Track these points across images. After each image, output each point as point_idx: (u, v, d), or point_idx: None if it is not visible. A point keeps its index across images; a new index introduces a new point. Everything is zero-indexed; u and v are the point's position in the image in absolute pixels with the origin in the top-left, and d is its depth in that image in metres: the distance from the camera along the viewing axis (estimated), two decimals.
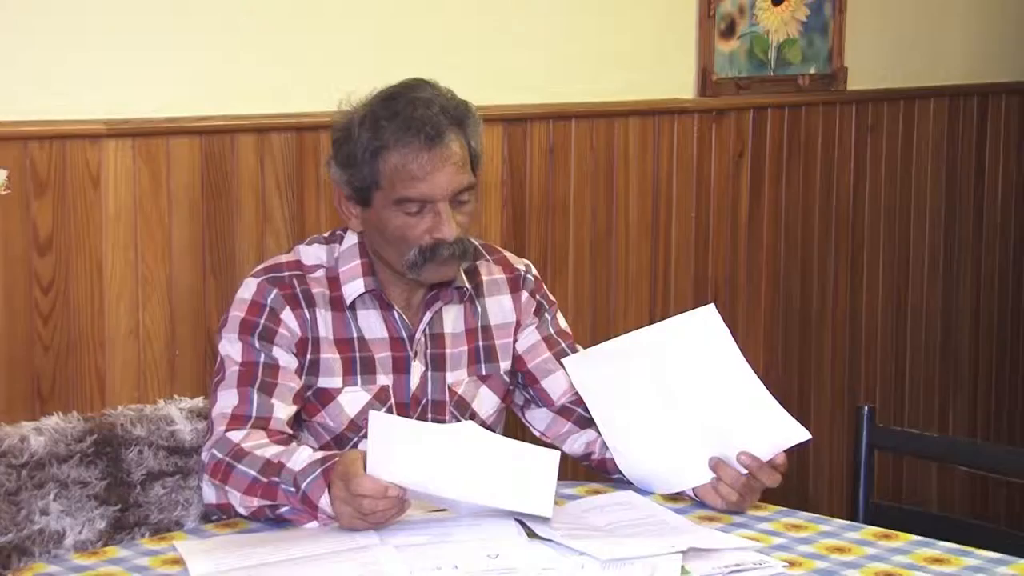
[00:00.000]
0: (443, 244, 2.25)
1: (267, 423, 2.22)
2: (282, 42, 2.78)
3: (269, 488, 2.10)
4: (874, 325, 3.86)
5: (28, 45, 2.48)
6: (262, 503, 2.10)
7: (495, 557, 1.90)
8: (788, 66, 3.58)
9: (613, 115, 3.25)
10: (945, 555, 2.00)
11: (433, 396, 2.36)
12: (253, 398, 2.23)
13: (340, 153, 2.30)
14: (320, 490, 2.05)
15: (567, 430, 2.42)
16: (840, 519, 2.18)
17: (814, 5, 3.59)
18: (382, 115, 2.25)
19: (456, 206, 2.26)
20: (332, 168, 2.33)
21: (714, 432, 2.20)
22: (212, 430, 2.24)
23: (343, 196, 2.32)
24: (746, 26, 3.47)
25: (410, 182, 2.23)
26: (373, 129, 2.25)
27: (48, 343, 2.53)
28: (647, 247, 3.35)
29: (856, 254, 3.78)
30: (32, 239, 2.50)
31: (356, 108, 2.31)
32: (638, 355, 2.26)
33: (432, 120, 2.23)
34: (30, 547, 2.23)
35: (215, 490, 2.18)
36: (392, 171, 2.24)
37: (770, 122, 3.55)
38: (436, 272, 2.29)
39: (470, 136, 2.29)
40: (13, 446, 2.25)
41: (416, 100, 2.26)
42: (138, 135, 2.59)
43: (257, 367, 2.26)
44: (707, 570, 1.91)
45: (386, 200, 2.26)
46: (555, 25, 3.16)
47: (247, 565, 1.90)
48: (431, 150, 2.23)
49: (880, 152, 3.80)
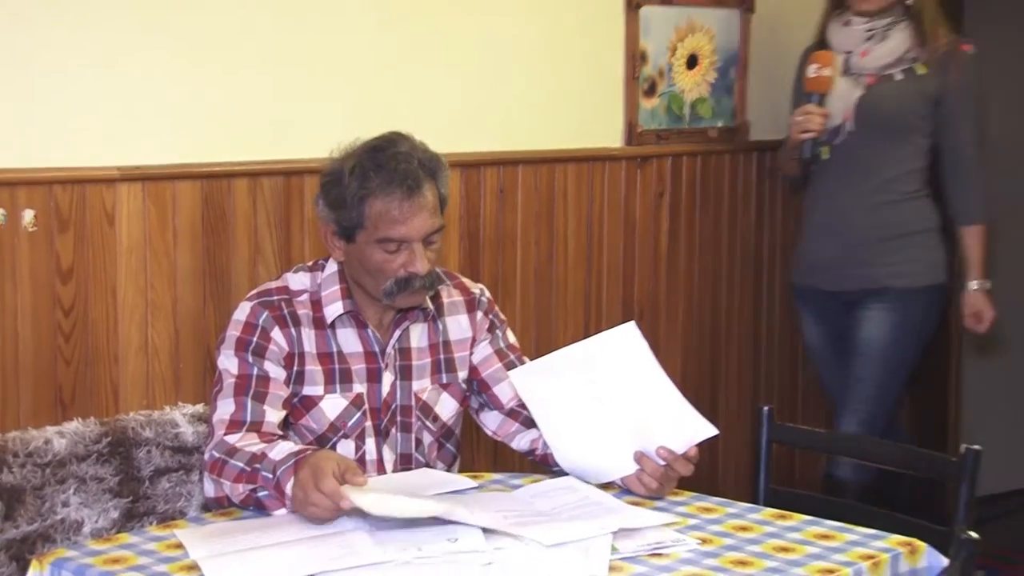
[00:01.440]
0: (416, 277, 2.25)
1: (260, 427, 2.21)
2: (272, 100, 2.78)
3: (252, 475, 2.08)
4: (773, 338, 3.87)
5: (51, 103, 2.49)
6: (247, 488, 2.08)
7: (454, 541, 1.88)
8: (700, 120, 3.58)
9: (554, 161, 3.25)
10: (830, 532, 2.01)
11: (401, 402, 2.37)
12: (248, 405, 2.22)
13: (329, 195, 2.29)
14: (288, 477, 2.03)
15: (515, 430, 2.42)
16: (744, 503, 2.18)
17: (721, 69, 3.59)
18: (369, 166, 2.24)
19: (427, 245, 2.27)
20: (320, 207, 2.32)
21: (637, 430, 2.21)
22: (213, 434, 2.23)
23: (330, 231, 2.31)
24: (665, 87, 3.47)
25: (391, 225, 2.23)
26: (361, 178, 2.24)
27: (69, 358, 2.53)
28: (582, 273, 3.35)
29: (757, 278, 3.78)
30: (56, 269, 2.50)
31: (345, 157, 2.30)
32: (573, 366, 2.26)
33: (412, 173, 2.24)
34: (53, 535, 2.24)
35: (213, 485, 2.16)
36: (376, 215, 2.23)
37: (685, 167, 3.54)
38: (408, 299, 2.30)
39: (441, 185, 2.30)
40: (38, 447, 2.26)
41: (398, 154, 2.25)
42: (147, 179, 2.59)
43: (251, 379, 2.25)
44: (633, 548, 1.91)
45: (369, 238, 2.25)
46: (505, 86, 3.16)
47: (237, 549, 1.88)
48: (410, 199, 2.23)
49: (776, 192, 3.79)
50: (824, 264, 3.34)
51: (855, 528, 2.03)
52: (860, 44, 3.24)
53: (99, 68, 2.53)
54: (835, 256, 3.30)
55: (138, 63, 2.58)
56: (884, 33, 3.23)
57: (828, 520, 2.07)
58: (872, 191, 3.25)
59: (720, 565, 1.86)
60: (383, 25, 2.94)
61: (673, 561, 1.87)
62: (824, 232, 3.32)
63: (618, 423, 2.22)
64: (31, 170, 2.45)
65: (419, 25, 3.00)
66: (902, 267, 3.27)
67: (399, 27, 2.96)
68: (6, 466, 2.22)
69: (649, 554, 1.90)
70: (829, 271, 3.33)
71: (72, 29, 2.49)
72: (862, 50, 3.23)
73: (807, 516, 2.10)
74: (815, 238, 3.36)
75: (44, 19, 2.46)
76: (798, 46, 3.58)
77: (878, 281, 3.28)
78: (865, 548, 1.94)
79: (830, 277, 3.33)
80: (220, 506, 2.17)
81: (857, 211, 3.26)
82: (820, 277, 3.36)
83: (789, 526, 2.05)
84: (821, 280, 3.36)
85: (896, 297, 3.27)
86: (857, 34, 3.25)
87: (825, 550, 1.93)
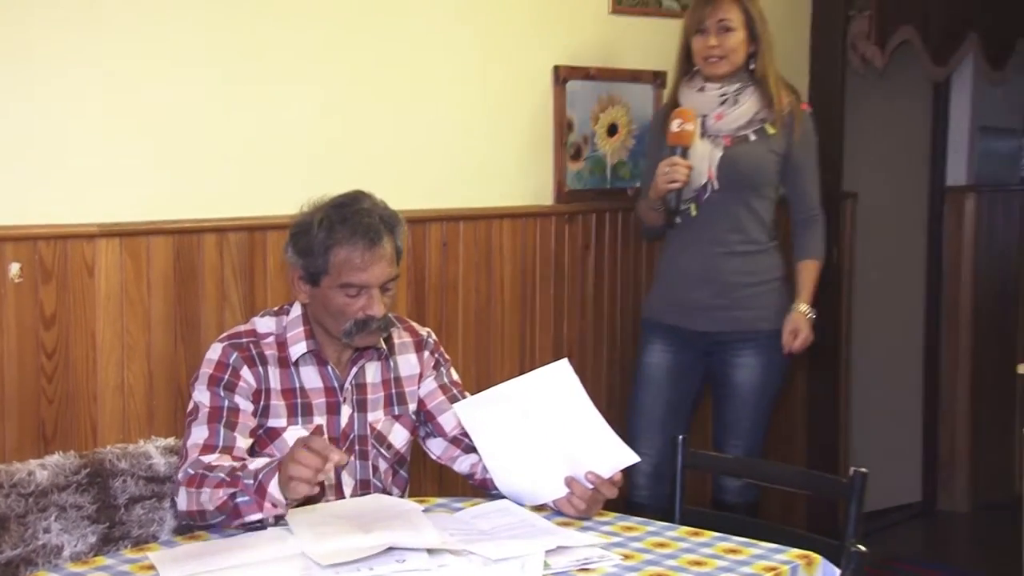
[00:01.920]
0: (373, 319, 2.27)
1: (231, 451, 2.21)
2: (236, 164, 2.78)
3: (233, 481, 2.07)
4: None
5: (36, 165, 2.48)
6: (227, 492, 2.06)
7: (402, 562, 1.88)
8: (620, 181, 3.59)
9: (491, 217, 3.26)
10: (738, 547, 2.03)
11: (358, 432, 2.36)
12: (220, 432, 2.22)
13: (298, 243, 2.30)
14: (272, 475, 2.02)
15: (457, 455, 2.43)
16: (662, 522, 2.19)
17: (638, 136, 3.59)
18: (335, 219, 2.26)
19: (384, 291, 2.28)
20: (289, 254, 2.32)
21: (567, 457, 2.21)
22: (186, 456, 2.21)
23: (297, 276, 2.32)
24: (589, 152, 3.48)
25: (353, 272, 2.24)
26: (328, 229, 2.25)
27: (51, 397, 2.50)
28: (518, 316, 3.35)
29: None
30: (39, 316, 2.48)
31: (313, 211, 2.31)
32: (510, 399, 2.26)
33: (374, 226, 2.25)
34: (35, 558, 2.22)
35: (188, 498, 2.13)
36: (340, 262, 2.24)
37: (608, 223, 3.55)
38: (365, 339, 2.31)
39: (398, 238, 2.31)
40: (22, 479, 2.24)
41: (361, 210, 2.27)
42: (124, 235, 2.58)
43: (223, 410, 2.25)
44: (564, 564, 1.92)
45: (332, 283, 2.26)
46: (448, 151, 3.18)
47: (206, 570, 1.87)
48: (371, 249, 2.24)
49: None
50: (698, 306, 3.26)
51: (759, 543, 2.05)
52: (715, 108, 3.21)
53: (80, 134, 2.52)
54: (709, 300, 3.24)
55: (115, 130, 2.57)
56: (735, 98, 3.21)
57: (736, 536, 2.09)
58: (738, 242, 3.24)
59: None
60: (338, 96, 2.95)
61: (599, 575, 1.88)
62: (698, 278, 3.24)
63: (550, 450, 2.22)
64: (17, 227, 2.44)
65: (371, 96, 3.01)
66: (767, 311, 3.27)
67: (353, 98, 2.98)
68: None
69: (578, 569, 1.90)
70: (702, 313, 3.26)
71: (56, 101, 2.49)
72: (716, 113, 3.20)
73: (717, 533, 2.11)
74: (686, 283, 3.27)
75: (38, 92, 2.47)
76: None
77: (750, 324, 3.26)
78: (768, 561, 1.96)
79: (701, 318, 3.26)
80: (191, 520, 2.15)
81: (726, 260, 3.23)
82: (689, 318, 3.28)
83: (702, 542, 2.06)
84: (690, 321, 3.28)
85: (764, 339, 3.26)
86: (711, 99, 3.21)
87: (733, 563, 1.95)
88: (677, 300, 3.30)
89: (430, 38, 3.12)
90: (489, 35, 3.24)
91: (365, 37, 2.99)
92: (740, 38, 3.18)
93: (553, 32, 3.37)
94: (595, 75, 3.49)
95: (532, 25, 3.33)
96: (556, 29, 3.38)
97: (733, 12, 3.16)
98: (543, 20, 3.35)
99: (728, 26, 3.16)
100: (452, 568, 1.87)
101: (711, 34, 3.16)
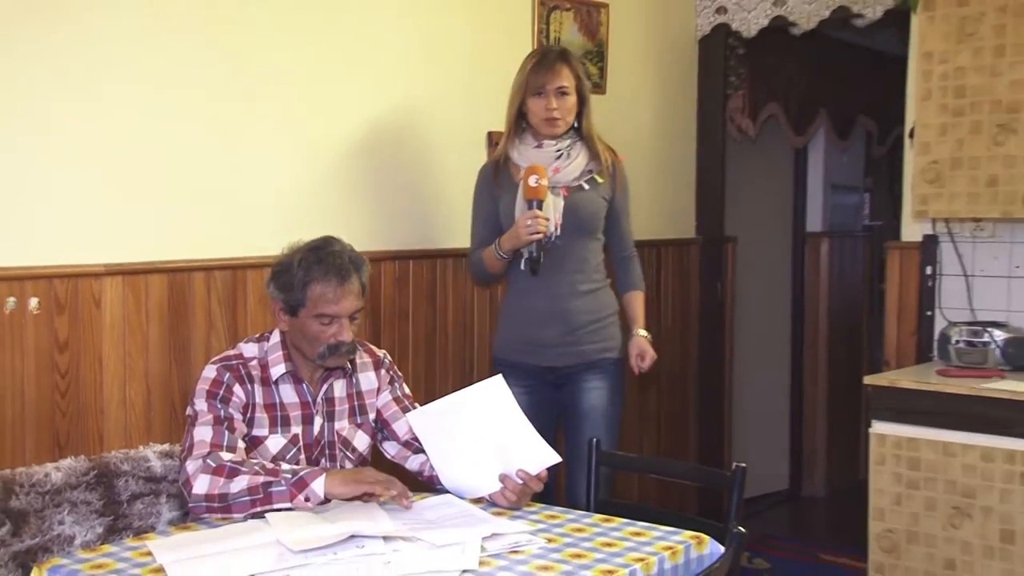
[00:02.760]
0: (343, 344, 2.26)
1: (234, 449, 2.18)
2: (222, 213, 2.75)
3: (273, 471, 2.08)
4: None
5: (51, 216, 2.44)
6: (264, 480, 2.06)
7: (362, 547, 1.86)
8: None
9: (436, 257, 3.26)
10: (641, 530, 2.04)
11: (328, 438, 2.34)
12: (224, 433, 2.19)
13: (280, 280, 2.28)
14: (315, 475, 2.05)
15: (408, 456, 2.40)
16: (579, 511, 2.19)
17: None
18: (312, 260, 2.25)
19: (352, 320, 2.27)
20: (271, 289, 2.30)
21: (501, 457, 2.20)
22: (192, 450, 2.16)
23: (278, 308, 2.29)
24: None
25: (327, 304, 2.23)
26: (306, 269, 2.24)
27: (64, 410, 2.45)
28: (459, 340, 3.34)
29: None
30: (54, 342, 2.43)
31: (292, 252, 2.30)
32: (453, 409, 2.25)
33: (344, 266, 2.25)
34: (51, 547, 2.18)
35: (211, 482, 2.09)
36: (316, 296, 2.23)
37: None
38: (336, 361, 2.29)
39: (363, 277, 2.30)
40: (40, 479, 2.21)
41: (333, 252, 2.27)
42: (126, 273, 2.54)
43: (221, 417, 2.21)
44: (497, 548, 1.91)
45: (308, 314, 2.25)
46: (401, 204, 3.17)
47: (194, 555, 1.85)
48: (342, 285, 2.24)
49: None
50: (546, 343, 2.98)
51: (659, 527, 2.05)
52: (551, 162, 2.94)
53: (87, 189, 2.49)
54: (557, 337, 2.98)
55: (117, 185, 2.54)
56: (568, 152, 2.96)
57: (640, 522, 2.09)
58: (581, 281, 2.99)
59: (562, 558, 1.87)
60: (306, 161, 2.94)
61: (527, 556, 1.88)
62: (546, 317, 2.97)
63: (487, 452, 2.21)
64: (35, 267, 2.39)
65: (336, 160, 3.00)
66: (607, 343, 3.03)
67: (319, 162, 2.97)
68: (14, 494, 2.16)
69: (509, 551, 1.90)
70: (550, 349, 2.99)
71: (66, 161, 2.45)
72: (554, 167, 2.94)
73: (625, 519, 2.11)
74: (535, 322, 2.99)
75: (53, 154, 2.43)
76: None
77: (593, 355, 3.01)
78: (666, 541, 1.97)
79: (551, 354, 2.99)
80: (207, 502, 2.10)
81: (573, 299, 2.98)
82: (539, 355, 3.00)
83: (612, 527, 2.06)
84: (540, 358, 3.00)
85: (606, 368, 3.03)
86: (549, 154, 2.95)
87: (638, 543, 1.95)
88: (527, 339, 3.01)
89: (388, 109, 3.12)
90: (435, 105, 3.25)
91: (333, 107, 2.99)
92: (573, 100, 2.96)
93: (488, 103, 3.36)
94: None
95: (470, 97, 3.34)
96: (491, 100, 3.35)
97: (568, 79, 2.93)
98: (480, 93, 3.36)
99: (565, 91, 2.93)
100: (403, 552, 1.85)
101: (550, 97, 2.92)
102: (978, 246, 3.45)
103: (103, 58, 2.49)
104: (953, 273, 3.48)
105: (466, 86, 3.32)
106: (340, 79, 2.99)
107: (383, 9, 3.08)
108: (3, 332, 2.34)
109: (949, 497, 3.01)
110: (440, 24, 3.24)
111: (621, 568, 1.82)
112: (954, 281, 3.48)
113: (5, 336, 2.34)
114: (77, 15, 2.44)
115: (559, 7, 3.57)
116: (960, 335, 3.29)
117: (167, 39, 2.60)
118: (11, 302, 2.34)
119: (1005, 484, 2.92)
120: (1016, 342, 3.22)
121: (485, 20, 3.36)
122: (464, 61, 3.31)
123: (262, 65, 2.80)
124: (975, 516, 2.97)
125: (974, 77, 3.13)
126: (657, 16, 4.01)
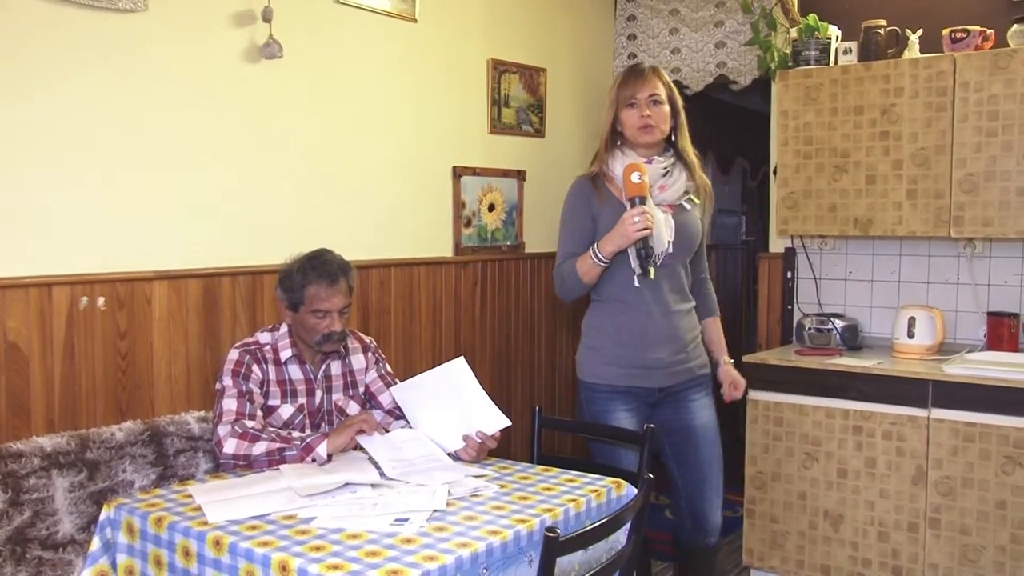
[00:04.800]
0: (334, 333, 2.26)
1: (255, 417, 2.19)
2: (244, 230, 2.73)
3: (286, 439, 2.08)
4: (540, 366, 3.81)
5: (115, 233, 2.42)
6: (279, 446, 2.06)
7: (355, 492, 1.89)
8: (497, 241, 3.54)
9: (412, 265, 3.23)
10: (574, 477, 2.05)
11: (327, 407, 2.35)
12: (247, 404, 2.20)
13: (283, 284, 2.29)
14: (319, 441, 2.05)
15: (391, 421, 2.38)
16: (525, 463, 2.19)
17: (508, 211, 3.57)
18: (308, 267, 2.26)
19: (341, 315, 2.27)
20: (278, 291, 2.31)
21: (463, 421, 2.18)
22: (221, 416, 2.15)
23: (283, 306, 2.31)
24: (476, 222, 3.45)
25: (320, 301, 2.24)
26: (303, 274, 2.26)
27: (125, 384, 2.44)
28: (430, 330, 3.33)
29: (530, 329, 3.75)
30: (116, 332, 2.42)
31: (293, 262, 2.31)
32: (427, 384, 2.24)
33: (334, 271, 2.25)
34: (117, 489, 2.20)
35: (237, 444, 2.09)
36: (311, 295, 2.24)
37: (490, 269, 3.52)
38: (329, 347, 2.31)
39: (350, 280, 2.30)
40: (107, 437, 2.23)
41: (326, 260, 2.27)
42: (171, 278, 2.53)
43: (243, 391, 2.23)
44: (461, 492, 1.92)
45: (306, 310, 2.25)
46: (384, 222, 3.15)
47: (224, 498, 1.88)
48: (332, 286, 2.24)
49: (543, 284, 3.79)
50: (660, 364, 2.47)
51: (587, 475, 2.07)
52: (658, 180, 2.42)
53: (141, 212, 2.48)
54: (669, 355, 2.47)
55: (163, 208, 2.52)
56: (672, 171, 2.45)
57: (573, 471, 2.10)
58: (681, 300, 2.50)
59: (512, 500, 1.88)
60: (311, 187, 2.92)
61: (484, 499, 1.89)
62: (660, 336, 2.46)
63: (453, 417, 2.20)
64: (102, 273, 2.38)
65: (335, 185, 2.98)
66: (703, 359, 2.59)
67: (321, 187, 2.95)
68: (88, 449, 2.18)
69: (471, 495, 1.91)
70: (663, 370, 2.48)
71: (123, 187, 2.44)
72: (660, 184, 2.42)
73: (561, 469, 2.12)
74: (649, 343, 2.46)
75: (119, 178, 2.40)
76: (553, 199, 3.60)
77: (697, 371, 2.56)
78: (593, 486, 1.99)
79: (662, 375, 2.48)
80: (234, 460, 2.09)
81: (680, 317, 2.49)
82: (651, 377, 2.47)
83: (551, 475, 2.07)
84: (653, 380, 2.48)
85: (706, 384, 2.59)
86: (656, 171, 2.41)
87: (571, 488, 1.97)
88: (640, 361, 2.47)
89: (373, 149, 3.11)
90: (411, 147, 3.24)
91: (329, 149, 2.97)
92: (667, 110, 2.44)
93: (452, 145, 3.37)
94: (480, 172, 3.46)
95: (438, 140, 3.33)
96: (454, 142, 3.39)
97: (660, 88, 2.43)
98: (446, 137, 3.35)
99: (658, 99, 2.42)
100: (387, 496, 1.87)
101: (643, 106, 2.41)
102: (824, 256, 3.59)
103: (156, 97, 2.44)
104: (806, 276, 3.62)
105: (435, 131, 3.32)
106: (337, 134, 2.97)
107: (370, 74, 3.08)
108: (79, 324, 2.33)
109: (802, 446, 3.12)
110: (415, 84, 3.25)
111: (558, 507, 1.83)
112: (807, 283, 3.62)
113: (80, 327, 2.33)
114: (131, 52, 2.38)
115: (508, 70, 3.62)
116: (811, 323, 3.42)
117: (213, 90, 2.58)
118: (84, 301, 2.34)
119: (841, 435, 3.05)
120: (851, 328, 3.36)
121: (450, 80, 3.38)
122: (434, 112, 3.32)
123: (276, 128, 2.78)
124: (820, 459, 3.08)
125: (817, 130, 3.25)
126: (584, 78, 4.07)
